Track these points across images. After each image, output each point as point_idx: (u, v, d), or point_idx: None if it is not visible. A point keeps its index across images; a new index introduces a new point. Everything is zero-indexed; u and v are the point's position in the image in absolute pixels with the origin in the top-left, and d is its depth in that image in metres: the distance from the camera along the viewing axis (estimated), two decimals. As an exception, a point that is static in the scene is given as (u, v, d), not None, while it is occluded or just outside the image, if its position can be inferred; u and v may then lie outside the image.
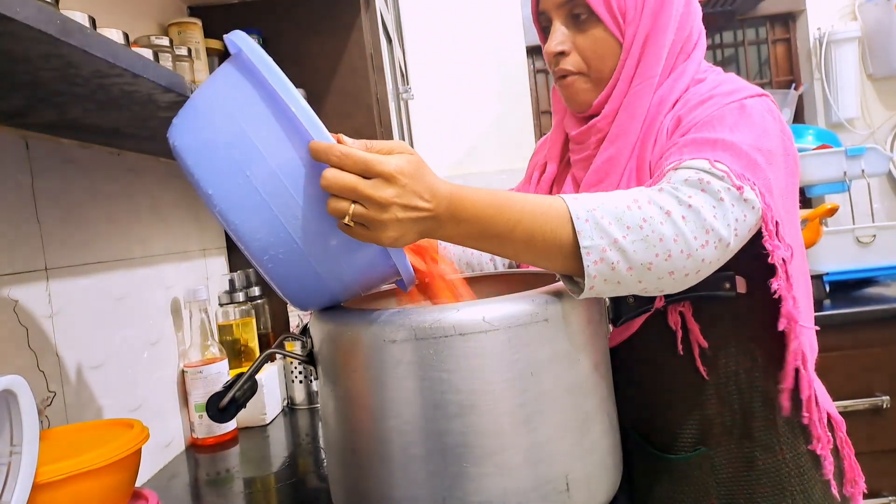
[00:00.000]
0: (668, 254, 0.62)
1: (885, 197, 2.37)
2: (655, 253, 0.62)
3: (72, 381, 0.85)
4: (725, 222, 0.65)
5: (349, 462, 0.66)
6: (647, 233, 0.62)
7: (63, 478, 0.63)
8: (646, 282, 0.63)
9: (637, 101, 0.79)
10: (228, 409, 0.69)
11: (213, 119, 0.58)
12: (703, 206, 0.64)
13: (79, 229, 0.90)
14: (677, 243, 0.62)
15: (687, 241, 0.63)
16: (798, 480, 0.78)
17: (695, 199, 0.64)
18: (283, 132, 0.56)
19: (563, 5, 0.81)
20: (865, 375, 1.60)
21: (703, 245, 0.63)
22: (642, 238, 0.62)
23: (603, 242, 0.61)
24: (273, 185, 0.55)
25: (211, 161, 0.57)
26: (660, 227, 0.62)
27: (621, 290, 0.64)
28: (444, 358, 0.59)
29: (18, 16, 0.45)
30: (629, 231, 0.62)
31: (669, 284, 0.65)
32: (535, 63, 2.55)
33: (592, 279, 0.61)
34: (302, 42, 1.43)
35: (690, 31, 0.83)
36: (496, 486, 0.59)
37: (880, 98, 2.37)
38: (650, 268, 0.62)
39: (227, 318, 1.28)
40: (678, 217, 0.63)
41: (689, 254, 0.63)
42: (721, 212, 0.65)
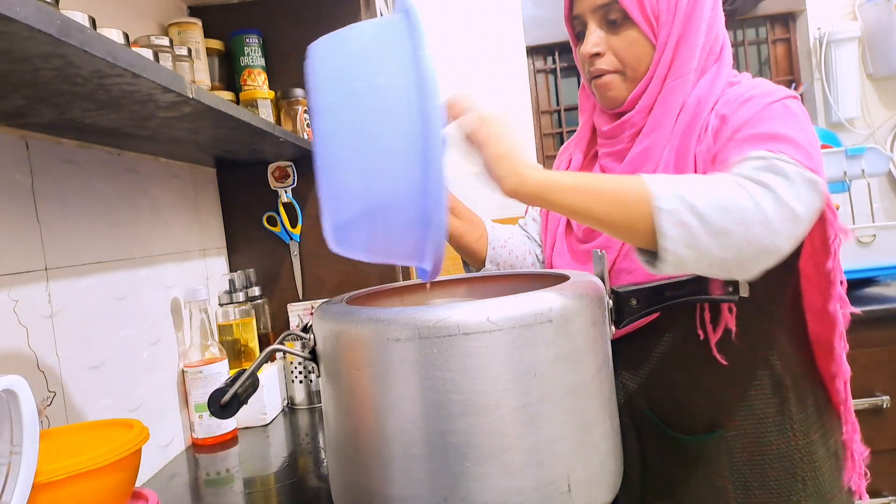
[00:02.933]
0: (747, 223, 0.63)
1: (885, 197, 2.37)
2: (733, 219, 0.63)
3: (72, 381, 0.85)
4: (799, 200, 0.66)
5: (351, 461, 0.65)
6: (725, 202, 0.63)
7: (63, 478, 0.63)
8: (724, 251, 0.63)
9: (672, 97, 0.82)
10: (230, 406, 0.68)
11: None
12: (778, 185, 0.65)
13: (79, 229, 0.90)
14: (755, 214, 0.63)
15: (764, 212, 0.63)
16: (809, 466, 0.81)
17: (768, 179, 0.66)
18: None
19: (599, 9, 0.84)
20: (865, 375, 1.60)
21: (780, 218, 0.64)
22: (721, 206, 0.63)
23: (681, 206, 0.63)
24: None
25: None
26: (737, 198, 0.64)
27: (700, 261, 0.64)
28: (447, 357, 0.59)
29: (18, 16, 0.45)
30: (707, 198, 0.63)
31: (747, 259, 0.64)
32: (534, 63, 2.55)
33: (673, 242, 0.62)
34: (302, 42, 1.42)
35: (717, 33, 0.85)
36: (498, 486, 0.59)
37: (880, 98, 2.37)
38: (729, 235, 0.62)
39: (227, 318, 1.27)
40: (755, 191, 0.65)
41: (768, 225, 0.63)
42: (794, 191, 0.66)
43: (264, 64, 1.38)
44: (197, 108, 0.80)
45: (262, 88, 1.35)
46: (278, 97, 1.38)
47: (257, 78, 1.35)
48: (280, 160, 1.44)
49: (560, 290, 0.65)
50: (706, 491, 0.82)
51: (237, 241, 1.47)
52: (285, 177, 1.44)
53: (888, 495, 1.59)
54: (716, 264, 0.65)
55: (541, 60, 2.56)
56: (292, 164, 1.44)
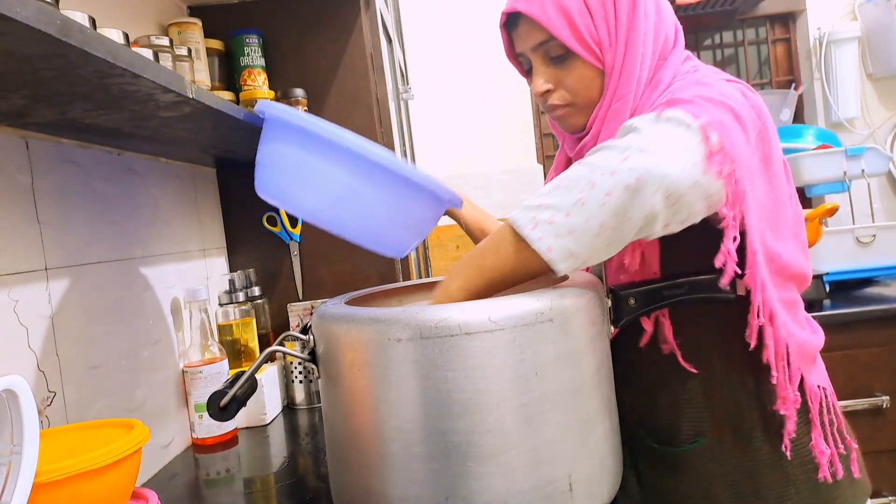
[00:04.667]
0: (591, 183, 0.64)
1: (885, 197, 2.37)
2: (579, 189, 0.64)
3: (72, 381, 0.85)
4: (637, 134, 0.66)
5: (351, 461, 0.66)
6: (563, 183, 0.66)
7: (63, 478, 0.63)
8: (594, 217, 0.64)
9: (615, 119, 0.81)
10: (229, 408, 0.69)
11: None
12: (618, 142, 0.66)
13: (79, 229, 0.90)
14: (593, 172, 0.64)
15: (600, 165, 0.65)
16: (802, 470, 0.78)
17: (611, 142, 0.67)
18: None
19: (538, 48, 0.83)
20: (865, 375, 1.60)
21: (622, 160, 0.64)
22: (561, 189, 0.66)
23: (531, 213, 0.66)
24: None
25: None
26: (573, 173, 0.66)
27: (586, 239, 0.65)
28: (449, 357, 0.59)
29: (18, 16, 0.45)
30: (549, 191, 0.67)
31: (628, 208, 0.63)
32: (535, 63, 2.55)
33: (541, 241, 0.65)
34: (302, 42, 1.43)
35: (666, 35, 0.83)
36: (499, 485, 0.59)
37: (880, 98, 2.38)
38: (583, 202, 0.64)
39: (227, 318, 1.28)
40: (590, 157, 0.67)
41: (612, 171, 0.63)
42: (638, 136, 0.66)
43: (264, 64, 1.38)
44: (197, 108, 0.80)
45: (262, 88, 1.35)
46: (278, 97, 1.38)
47: (257, 78, 1.35)
48: (280, 160, 1.44)
49: (560, 289, 0.65)
50: (700, 501, 0.81)
51: (237, 241, 1.47)
52: (285, 177, 1.44)
53: (888, 495, 1.59)
54: (608, 233, 0.65)
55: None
56: (292, 164, 1.44)
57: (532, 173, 2.45)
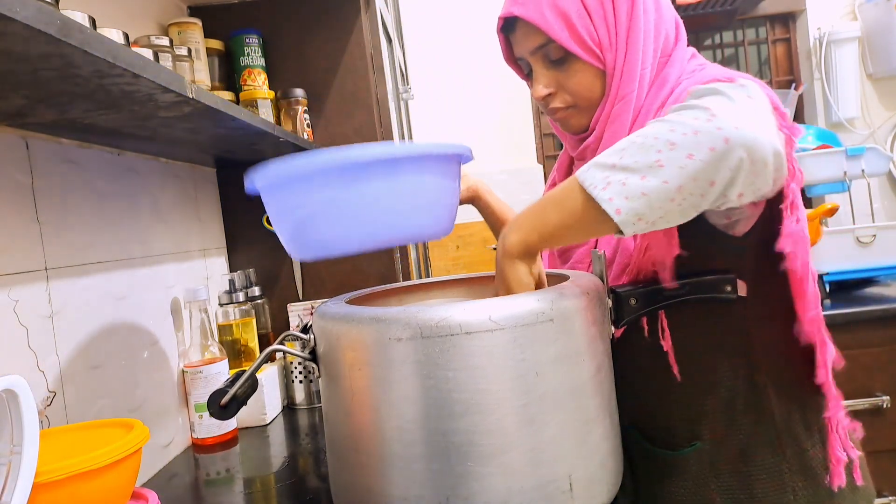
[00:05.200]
0: (670, 143, 0.60)
1: (885, 197, 2.37)
2: (657, 149, 0.61)
3: (72, 381, 0.85)
4: (725, 97, 0.63)
5: (351, 461, 0.65)
6: (639, 142, 0.62)
7: (63, 478, 0.63)
8: (671, 180, 0.60)
9: (617, 120, 0.80)
10: (230, 407, 0.69)
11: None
12: (694, 101, 0.64)
13: (79, 229, 0.90)
14: (675, 131, 0.61)
15: (684, 123, 0.61)
16: (800, 477, 0.77)
17: (693, 102, 0.64)
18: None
19: (537, 51, 0.82)
20: (865, 375, 1.60)
21: (707, 119, 0.60)
22: (637, 148, 0.62)
23: (603, 173, 0.63)
24: None
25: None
26: (651, 131, 0.63)
27: (658, 203, 0.62)
28: (449, 357, 0.59)
29: (18, 16, 0.45)
30: (622, 151, 0.63)
31: (704, 173, 0.60)
32: (534, 63, 2.55)
33: (611, 203, 0.62)
34: (302, 42, 1.43)
35: (667, 33, 0.82)
36: (500, 485, 0.59)
37: (880, 98, 2.38)
38: (661, 164, 0.60)
39: (227, 318, 1.27)
40: (670, 116, 0.63)
41: (695, 130, 0.60)
42: (716, 95, 0.63)
43: (264, 64, 1.38)
44: (197, 108, 0.80)
45: (261, 88, 1.35)
46: (278, 97, 1.38)
47: (257, 78, 1.35)
48: (280, 160, 1.44)
49: (561, 289, 0.65)
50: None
51: (237, 241, 1.47)
52: (285, 177, 1.44)
53: (888, 495, 1.59)
54: (685, 198, 0.62)
55: (541, 60, 2.56)
56: (292, 164, 1.44)
57: (532, 173, 2.45)
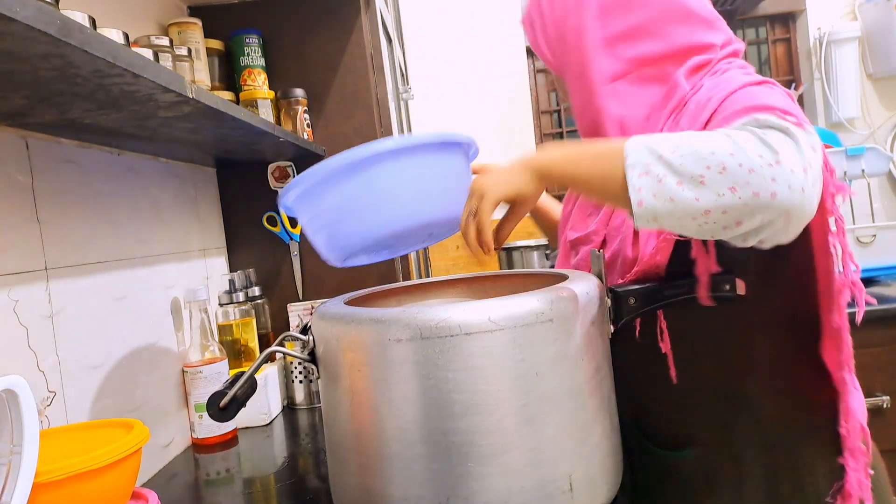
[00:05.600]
0: (723, 166, 0.58)
1: (885, 197, 2.37)
2: (707, 165, 0.58)
3: (72, 381, 0.85)
4: (795, 145, 0.59)
5: (351, 461, 0.65)
6: (699, 148, 0.59)
7: (63, 478, 0.63)
8: (701, 200, 0.59)
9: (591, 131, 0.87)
10: (229, 408, 0.69)
11: None
12: (767, 134, 0.60)
13: (79, 229, 0.90)
14: (734, 157, 0.58)
15: (746, 154, 0.58)
16: (792, 486, 0.75)
17: (760, 131, 0.60)
18: None
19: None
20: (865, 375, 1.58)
21: (769, 164, 0.57)
22: (692, 152, 0.59)
23: (649, 157, 0.61)
24: None
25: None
26: (712, 143, 0.60)
27: (677, 213, 0.60)
28: (449, 357, 0.59)
29: (18, 16, 0.45)
30: (677, 147, 0.60)
31: (737, 211, 0.59)
32: (534, 63, 2.55)
33: (638, 192, 0.60)
34: (302, 42, 1.43)
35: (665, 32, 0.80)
36: (500, 485, 0.59)
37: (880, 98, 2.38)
38: (703, 181, 0.58)
39: (227, 318, 1.27)
40: (741, 138, 0.60)
41: (751, 168, 0.57)
42: (788, 138, 0.60)
43: (264, 64, 1.38)
44: (197, 108, 0.80)
45: (262, 88, 1.35)
46: (278, 97, 1.38)
47: (257, 78, 1.35)
48: (280, 160, 1.44)
49: (560, 289, 0.65)
50: None
51: (237, 241, 1.47)
52: (285, 177, 1.44)
53: (888, 495, 1.59)
54: (705, 222, 0.60)
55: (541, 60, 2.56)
56: (292, 164, 1.44)
57: (532, 173, 2.45)
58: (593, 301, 0.68)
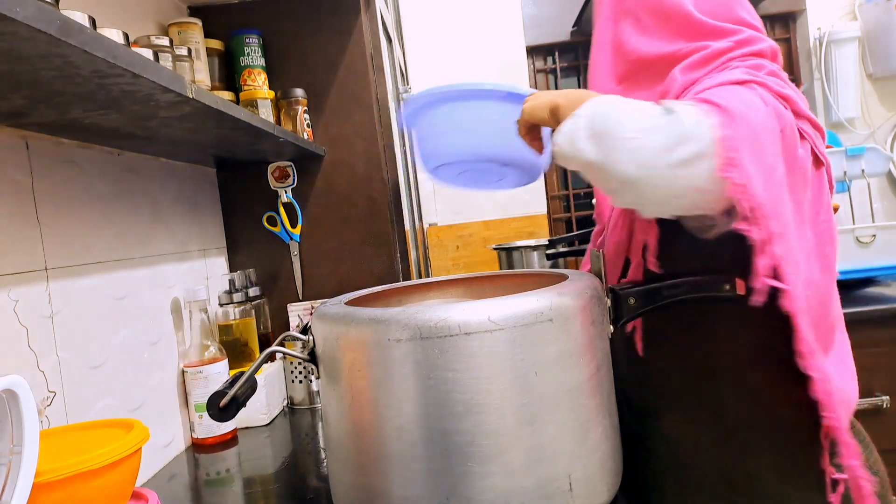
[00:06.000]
0: (611, 134, 0.65)
1: (885, 197, 2.37)
2: (607, 129, 0.66)
3: (72, 381, 0.85)
4: (668, 129, 0.64)
5: (351, 461, 0.66)
6: (616, 115, 0.67)
7: (63, 478, 0.63)
8: (597, 154, 0.66)
9: None
10: (229, 408, 0.69)
11: None
12: (658, 115, 0.66)
13: (79, 229, 0.90)
14: (623, 127, 0.65)
15: (630, 127, 0.65)
16: (748, 484, 0.77)
17: (675, 106, 0.67)
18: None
19: None
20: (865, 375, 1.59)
21: (632, 138, 0.65)
22: (609, 117, 0.67)
23: (585, 111, 0.68)
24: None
25: None
26: (629, 113, 0.67)
27: (576, 159, 0.68)
28: (449, 357, 0.59)
29: (18, 16, 0.45)
30: (607, 111, 0.67)
31: (599, 169, 0.66)
32: (534, 63, 2.55)
33: (559, 133, 0.69)
34: (302, 42, 1.43)
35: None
36: (500, 485, 0.59)
37: (880, 98, 2.38)
38: (597, 141, 0.66)
39: (227, 318, 1.28)
40: (650, 113, 0.66)
41: (623, 137, 0.65)
42: (669, 118, 0.65)
43: (264, 64, 1.38)
44: (197, 108, 0.80)
45: (262, 88, 1.35)
46: (278, 97, 1.38)
47: (257, 78, 1.35)
48: (280, 160, 1.44)
49: (559, 289, 0.65)
50: (649, 479, 0.84)
51: (237, 241, 1.47)
52: (285, 177, 1.44)
53: (888, 495, 1.59)
54: (589, 168, 0.67)
55: (541, 60, 2.56)
56: (292, 164, 1.44)
57: (532, 173, 2.45)
58: (593, 301, 0.68)
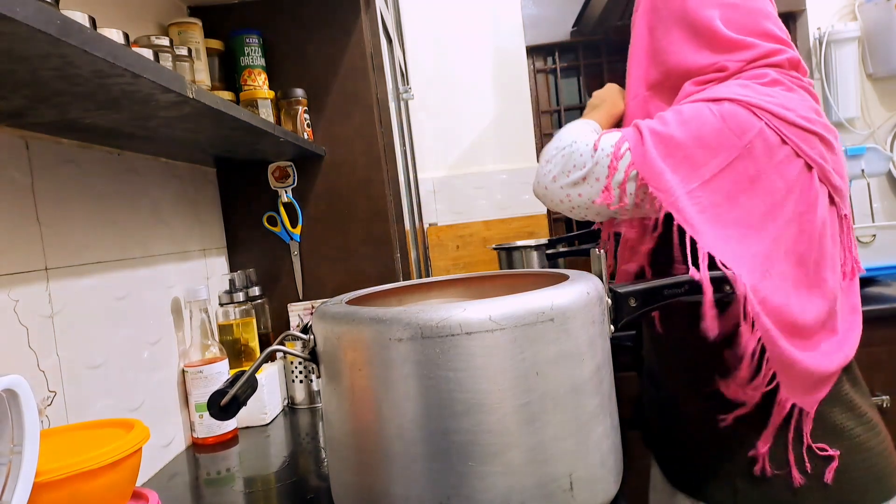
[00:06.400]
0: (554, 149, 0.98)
1: (885, 197, 2.37)
2: (556, 145, 0.98)
3: (72, 380, 0.85)
4: (567, 150, 0.95)
5: (352, 460, 0.66)
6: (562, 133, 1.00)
7: (63, 478, 0.63)
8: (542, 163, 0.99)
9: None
10: (230, 407, 0.69)
11: None
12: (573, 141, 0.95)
13: (79, 229, 0.90)
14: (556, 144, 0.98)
15: (557, 148, 0.96)
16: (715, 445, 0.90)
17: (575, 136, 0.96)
18: None
19: None
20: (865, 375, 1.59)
21: (545, 162, 0.99)
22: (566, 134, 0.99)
23: (564, 132, 1.03)
24: None
25: None
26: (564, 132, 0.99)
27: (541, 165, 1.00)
28: (450, 357, 0.59)
29: (18, 16, 0.45)
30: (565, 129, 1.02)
31: (542, 182, 0.99)
32: (534, 63, 2.55)
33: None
34: (302, 42, 1.43)
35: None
36: (501, 484, 0.59)
37: (880, 98, 2.37)
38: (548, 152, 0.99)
39: (228, 318, 1.28)
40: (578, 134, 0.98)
41: (547, 160, 0.98)
42: (572, 147, 0.94)
43: (264, 64, 1.38)
44: (197, 108, 0.80)
45: (262, 88, 1.35)
46: (278, 97, 1.38)
47: (257, 78, 1.35)
48: (280, 160, 1.44)
49: (560, 289, 0.65)
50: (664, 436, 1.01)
51: (237, 241, 1.47)
52: (285, 177, 1.44)
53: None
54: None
55: (541, 60, 2.56)
56: (292, 164, 1.44)
57: (532, 173, 2.45)
58: (594, 301, 0.68)
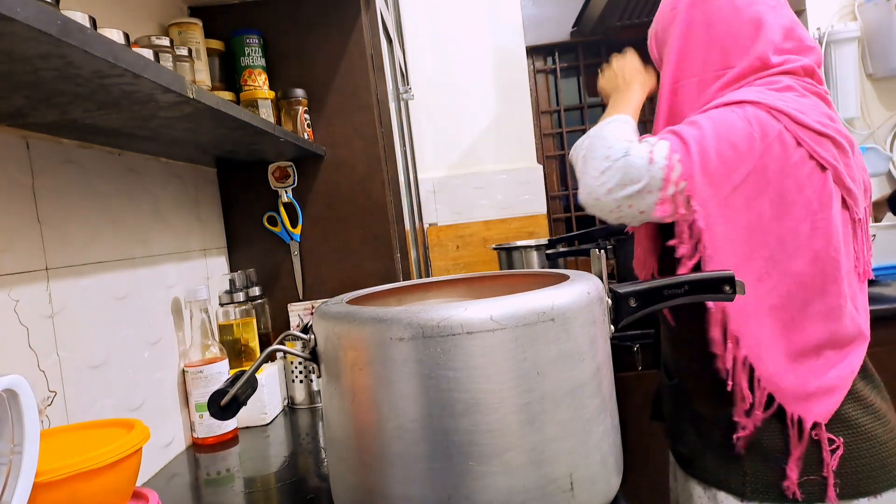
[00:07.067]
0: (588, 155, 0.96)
1: (884, 197, 2.36)
2: (587, 147, 0.97)
3: (72, 380, 0.85)
4: (620, 165, 0.91)
5: (352, 460, 0.66)
6: (592, 133, 1.00)
7: (63, 478, 0.63)
8: (577, 167, 0.99)
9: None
10: (230, 407, 0.69)
11: None
12: (625, 153, 0.92)
13: (79, 229, 0.90)
14: (593, 150, 0.95)
15: (597, 154, 0.94)
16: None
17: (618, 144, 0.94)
18: None
19: None
20: (865, 375, 1.60)
21: (581, 170, 0.97)
22: (602, 137, 0.96)
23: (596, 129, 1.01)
24: None
25: None
26: (597, 134, 0.98)
27: (576, 166, 1.00)
28: (451, 356, 0.59)
29: (19, 16, 0.45)
30: (598, 127, 1.01)
31: (592, 194, 0.93)
32: (534, 63, 2.55)
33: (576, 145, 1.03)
34: (302, 42, 1.43)
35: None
36: (501, 484, 0.59)
37: (880, 98, 2.38)
38: (584, 155, 0.97)
39: (228, 318, 1.28)
40: (621, 142, 0.95)
41: (583, 171, 0.96)
42: (624, 159, 0.92)
43: (264, 64, 1.38)
44: (197, 108, 0.80)
45: (262, 88, 1.35)
46: (278, 97, 1.38)
47: (257, 78, 1.35)
48: (280, 160, 1.44)
49: (561, 289, 0.65)
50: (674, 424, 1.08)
51: (237, 241, 1.47)
52: (285, 177, 1.44)
53: (888, 495, 1.59)
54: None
55: (541, 60, 2.56)
56: (292, 164, 1.44)
57: (532, 173, 2.45)
58: (594, 301, 0.68)
